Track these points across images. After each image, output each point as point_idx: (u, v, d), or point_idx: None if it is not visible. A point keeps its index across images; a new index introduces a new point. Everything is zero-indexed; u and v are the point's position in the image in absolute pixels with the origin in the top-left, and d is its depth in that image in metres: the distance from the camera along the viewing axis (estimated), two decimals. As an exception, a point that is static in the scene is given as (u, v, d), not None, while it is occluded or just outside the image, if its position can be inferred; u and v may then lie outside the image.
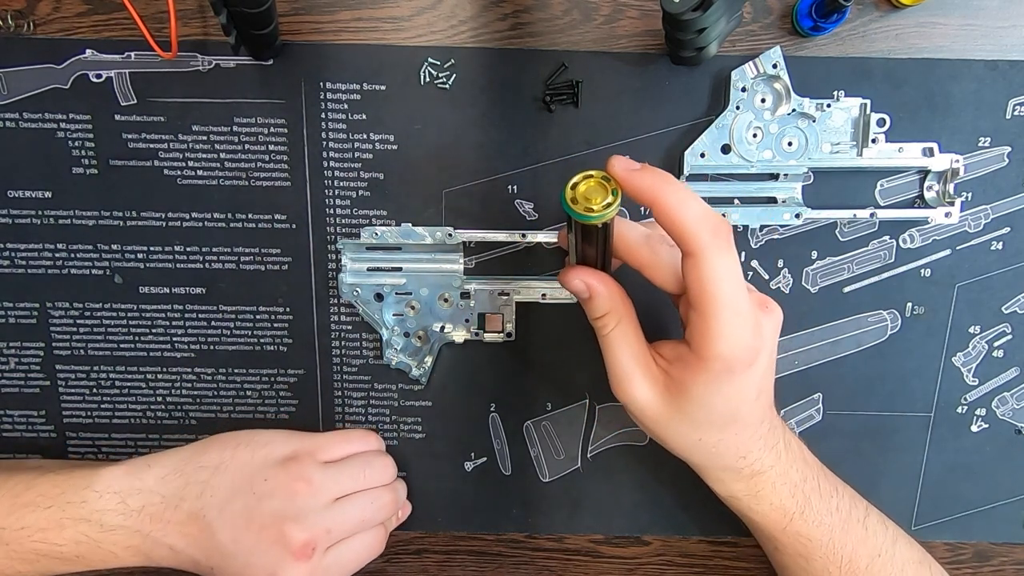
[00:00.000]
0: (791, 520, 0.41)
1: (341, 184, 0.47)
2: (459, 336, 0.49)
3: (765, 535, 0.44)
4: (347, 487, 0.44)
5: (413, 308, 0.48)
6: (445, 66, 0.46)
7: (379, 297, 0.48)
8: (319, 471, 0.43)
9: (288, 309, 0.49)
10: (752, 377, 0.37)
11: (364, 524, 0.45)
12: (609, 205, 0.34)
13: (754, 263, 0.49)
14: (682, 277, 0.36)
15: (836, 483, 0.44)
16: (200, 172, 0.47)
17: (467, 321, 0.48)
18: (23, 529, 0.40)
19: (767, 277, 0.49)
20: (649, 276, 0.38)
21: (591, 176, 0.35)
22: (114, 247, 0.48)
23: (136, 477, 0.42)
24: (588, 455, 0.52)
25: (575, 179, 0.35)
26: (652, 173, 0.34)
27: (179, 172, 0.47)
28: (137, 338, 0.49)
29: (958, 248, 0.48)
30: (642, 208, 0.48)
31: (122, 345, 0.50)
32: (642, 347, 0.39)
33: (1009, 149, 0.47)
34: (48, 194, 0.47)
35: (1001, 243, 0.48)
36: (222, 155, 0.47)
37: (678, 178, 0.47)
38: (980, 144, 0.47)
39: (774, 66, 0.45)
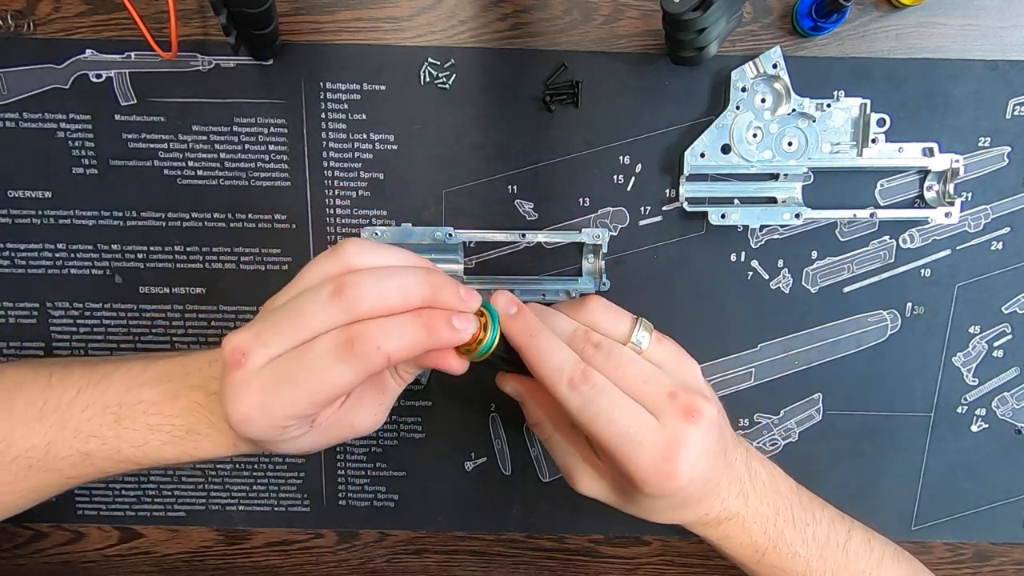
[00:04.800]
0: (764, 555, 0.41)
1: (341, 184, 0.47)
2: (459, 336, 0.49)
3: (740, 567, 0.43)
4: (296, 286, 0.34)
5: (413, 308, 0.48)
6: (445, 66, 0.46)
7: (379, 297, 0.48)
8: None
9: (288, 309, 0.49)
10: (688, 490, 0.36)
11: (306, 323, 0.32)
12: (482, 342, 0.35)
13: (754, 263, 0.49)
14: None
15: (815, 508, 0.42)
16: (200, 172, 0.47)
17: (467, 321, 0.48)
18: (140, 403, 0.38)
19: (767, 277, 0.49)
20: None
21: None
22: (114, 247, 0.48)
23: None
24: (588, 455, 0.52)
25: None
26: (522, 321, 0.37)
27: (179, 172, 0.47)
28: (137, 338, 0.49)
29: (958, 248, 0.48)
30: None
31: (122, 345, 0.50)
32: (582, 448, 0.40)
33: (1009, 149, 0.47)
34: (48, 194, 0.47)
35: (1001, 243, 0.48)
36: (222, 155, 0.47)
37: (678, 178, 0.47)
38: (980, 144, 0.47)
39: (774, 66, 0.45)
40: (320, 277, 0.34)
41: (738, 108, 0.45)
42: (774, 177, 0.47)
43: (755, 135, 0.46)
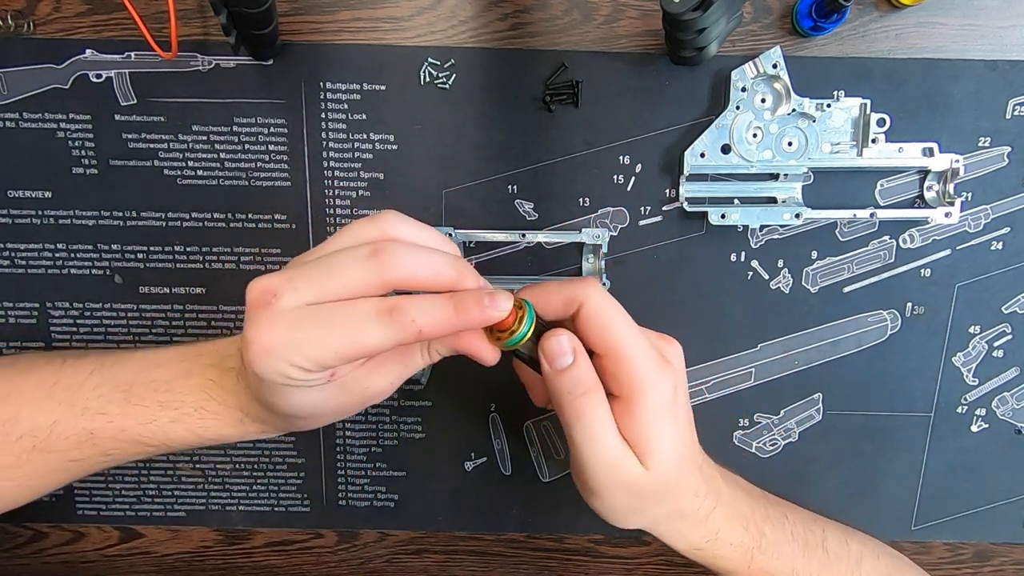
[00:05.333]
0: (752, 557, 0.40)
1: (341, 184, 0.47)
2: (459, 336, 0.49)
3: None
4: (330, 245, 0.35)
5: (413, 308, 0.48)
6: (445, 66, 0.46)
7: (379, 297, 0.48)
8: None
9: (288, 309, 0.49)
10: (679, 390, 0.37)
11: (339, 275, 0.33)
12: (515, 332, 0.35)
13: (754, 263, 0.49)
14: (586, 340, 0.36)
15: (784, 508, 0.43)
16: (200, 172, 0.47)
17: (467, 321, 0.48)
18: (152, 382, 0.38)
19: (767, 277, 0.49)
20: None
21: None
22: (114, 247, 0.48)
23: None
24: (588, 455, 0.52)
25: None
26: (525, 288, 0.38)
27: (179, 172, 0.47)
28: (137, 338, 0.49)
29: (958, 248, 0.48)
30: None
31: (122, 345, 0.49)
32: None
33: (1009, 149, 0.47)
34: (48, 194, 0.47)
35: (1001, 243, 0.48)
36: (222, 155, 0.47)
37: (678, 178, 0.47)
38: (980, 144, 0.47)
39: (774, 66, 0.45)
40: (358, 240, 0.35)
41: (738, 108, 0.45)
42: (774, 177, 0.47)
43: (755, 135, 0.46)
